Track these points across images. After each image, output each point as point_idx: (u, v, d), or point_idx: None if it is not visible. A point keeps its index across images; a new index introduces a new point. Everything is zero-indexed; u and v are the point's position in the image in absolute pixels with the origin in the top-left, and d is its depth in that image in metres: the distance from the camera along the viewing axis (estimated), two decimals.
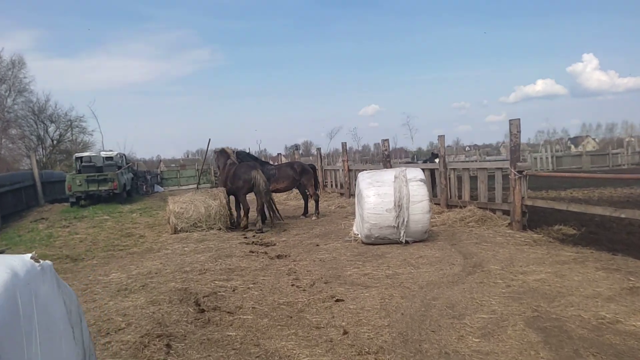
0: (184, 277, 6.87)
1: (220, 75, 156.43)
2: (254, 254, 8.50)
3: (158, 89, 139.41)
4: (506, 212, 9.91)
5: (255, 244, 9.58)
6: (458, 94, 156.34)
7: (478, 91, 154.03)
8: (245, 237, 10.46)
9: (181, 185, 40.66)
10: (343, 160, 17.03)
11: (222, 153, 12.61)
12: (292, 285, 6.26)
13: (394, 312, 4.95)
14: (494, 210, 10.21)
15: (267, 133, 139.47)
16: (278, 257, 8.16)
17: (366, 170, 16.12)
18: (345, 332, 4.43)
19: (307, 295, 5.75)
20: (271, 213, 11.60)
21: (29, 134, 31.51)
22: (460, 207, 10.95)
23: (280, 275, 6.82)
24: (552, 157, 39.26)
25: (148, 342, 4.39)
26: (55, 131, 31.65)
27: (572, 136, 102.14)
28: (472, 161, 26.04)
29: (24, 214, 16.83)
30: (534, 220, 9.57)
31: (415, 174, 8.62)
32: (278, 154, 29.40)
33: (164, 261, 8.21)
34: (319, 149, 19.73)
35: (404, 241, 8.33)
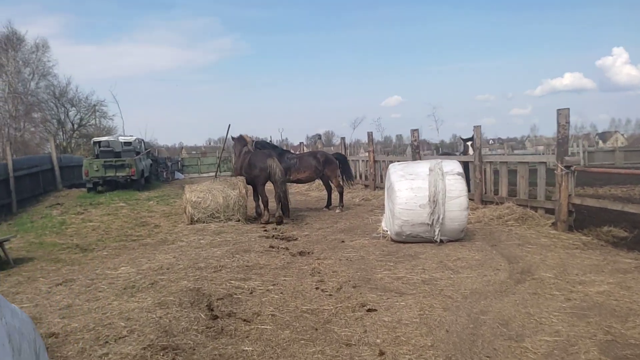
0: (197, 275, 6.24)
1: (242, 64, 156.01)
2: (274, 250, 7.85)
3: (182, 76, 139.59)
4: (549, 211, 9.08)
5: (276, 238, 8.94)
6: (483, 86, 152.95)
7: (503, 83, 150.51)
8: (265, 230, 9.82)
9: (202, 173, 40.38)
10: (369, 151, 16.27)
11: (240, 140, 11.97)
12: (317, 288, 5.58)
13: (437, 327, 4.23)
14: (535, 208, 9.38)
15: (289, 122, 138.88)
16: (300, 254, 7.50)
17: (394, 161, 15.37)
18: (381, 353, 3.74)
19: (334, 301, 5.06)
20: (282, 204, 10.89)
21: (50, 118, 31.36)
22: (497, 204, 10.13)
23: (303, 276, 6.15)
24: (583, 152, 37.79)
25: (150, 357, 3.76)
26: (75, 115, 31.46)
27: (600, 131, 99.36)
28: (510, 154, 24.91)
29: (41, 199, 16.48)
30: (577, 219, 8.70)
31: (452, 166, 7.85)
32: (300, 143, 28.52)
33: (177, 255, 7.62)
34: (343, 139, 18.93)
35: (438, 240, 7.59)
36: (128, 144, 19.49)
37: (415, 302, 4.88)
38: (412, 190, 7.62)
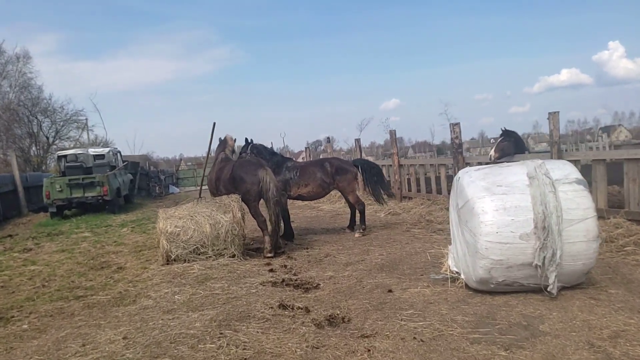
0: None
1: (240, 72, 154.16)
2: (287, 312, 4.96)
3: (180, 88, 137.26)
4: None
5: (288, 286, 6.04)
6: (481, 86, 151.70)
7: (501, 82, 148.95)
8: (271, 271, 6.92)
9: (198, 185, 37.56)
10: (392, 153, 13.35)
11: (220, 144, 9.18)
12: None
13: None
14: None
15: (288, 129, 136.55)
16: (330, 322, 4.59)
17: (426, 165, 12.40)
18: None
19: None
20: (271, 229, 8.04)
21: (22, 132, 28.21)
22: None
23: None
24: (609, 146, 35.23)
25: None
26: (50, 127, 28.37)
27: (603, 125, 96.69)
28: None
29: None
30: None
31: (565, 170, 4.95)
32: (306, 148, 25.22)
33: (132, 330, 4.72)
34: (357, 140, 15.85)
35: (555, 292, 4.69)
36: (100, 157, 16.48)
37: None
38: (506, 212, 4.72)
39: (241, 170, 8.20)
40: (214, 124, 8.05)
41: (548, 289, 4.68)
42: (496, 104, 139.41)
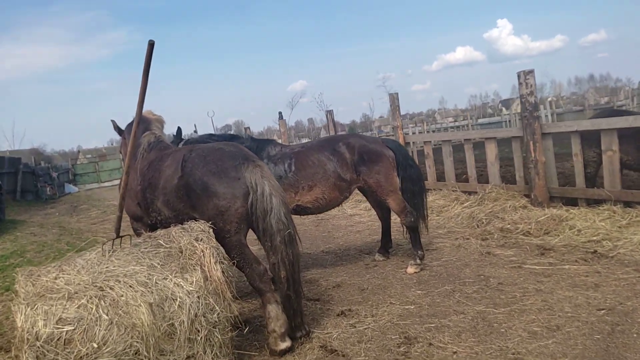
0: None
1: (139, 58, 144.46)
2: None
3: (74, 75, 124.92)
4: None
5: None
6: (383, 66, 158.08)
7: (402, 62, 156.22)
8: None
9: (102, 182, 31.41)
10: (395, 127, 9.25)
11: (141, 125, 4.30)
12: None
13: None
14: None
15: (197, 115, 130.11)
16: None
17: (447, 140, 8.38)
18: None
19: None
20: (289, 298, 3.76)
21: None
22: None
23: None
24: (551, 114, 34.30)
25: None
26: None
27: (503, 98, 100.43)
28: None
29: None
30: None
31: None
32: (245, 128, 19.96)
33: None
34: (329, 112, 11.39)
35: None
36: None
37: None
38: None
39: (204, 167, 3.68)
40: (152, 44, 3.35)
41: None
42: (399, 82, 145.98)
